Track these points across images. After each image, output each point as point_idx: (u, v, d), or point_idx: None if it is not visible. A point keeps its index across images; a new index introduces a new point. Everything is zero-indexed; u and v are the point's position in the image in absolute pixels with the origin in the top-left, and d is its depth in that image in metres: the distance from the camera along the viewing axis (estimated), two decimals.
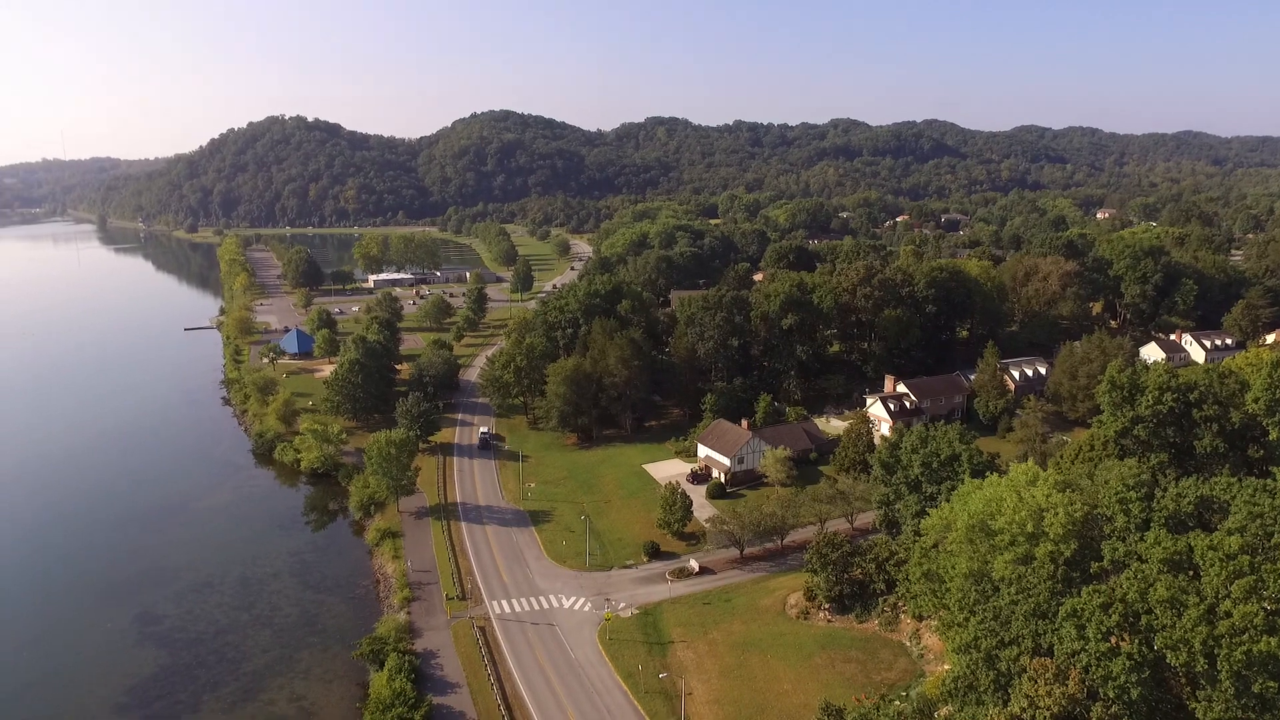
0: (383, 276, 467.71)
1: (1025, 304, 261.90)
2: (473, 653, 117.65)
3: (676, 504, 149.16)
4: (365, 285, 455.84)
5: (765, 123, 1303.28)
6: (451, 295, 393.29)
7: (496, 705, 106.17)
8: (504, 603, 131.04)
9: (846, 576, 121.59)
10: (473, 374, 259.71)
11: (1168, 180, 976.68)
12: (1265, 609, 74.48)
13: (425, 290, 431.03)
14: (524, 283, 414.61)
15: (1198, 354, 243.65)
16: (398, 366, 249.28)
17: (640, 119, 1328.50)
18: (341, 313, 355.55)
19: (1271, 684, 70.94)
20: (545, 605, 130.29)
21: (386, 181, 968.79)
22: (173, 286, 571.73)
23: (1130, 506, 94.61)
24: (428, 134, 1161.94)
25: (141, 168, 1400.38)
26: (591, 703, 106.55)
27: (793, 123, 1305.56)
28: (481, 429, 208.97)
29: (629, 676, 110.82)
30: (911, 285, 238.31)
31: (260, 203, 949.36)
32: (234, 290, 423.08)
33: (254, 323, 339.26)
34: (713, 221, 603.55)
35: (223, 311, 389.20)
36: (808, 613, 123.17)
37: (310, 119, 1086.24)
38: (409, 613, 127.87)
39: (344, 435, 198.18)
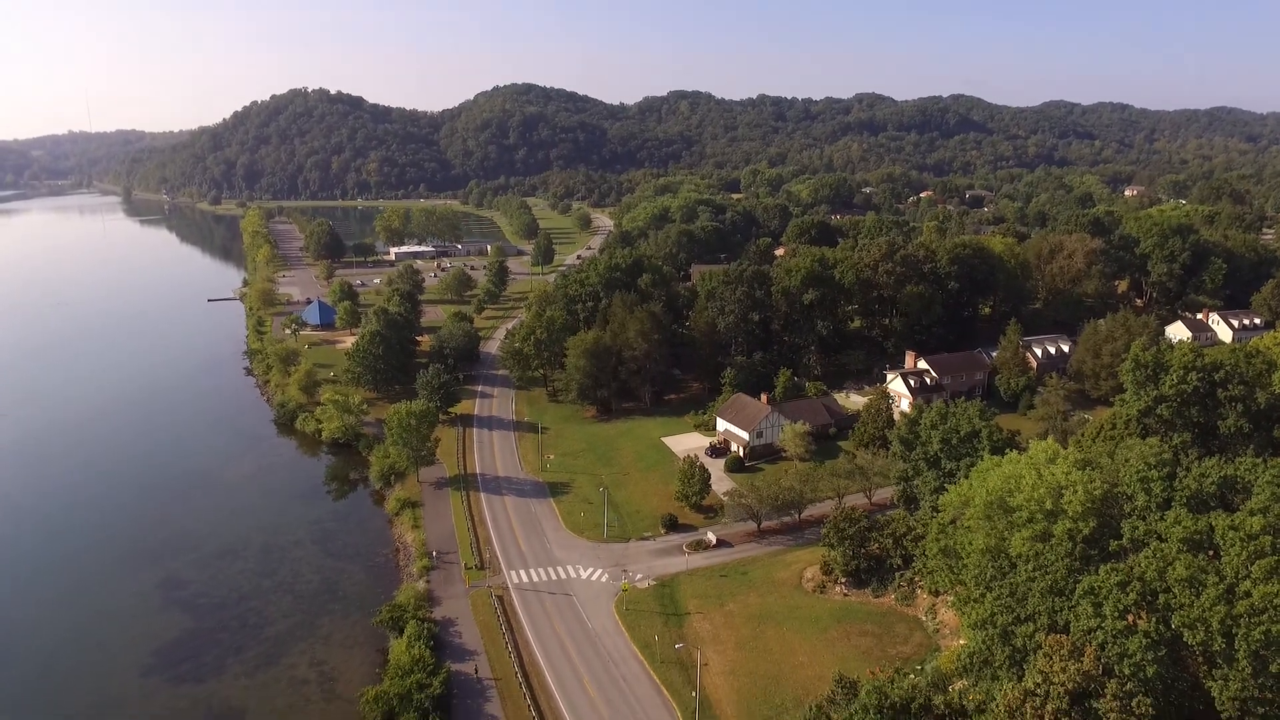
0: (404, 249, 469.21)
1: (1049, 281, 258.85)
2: (491, 621, 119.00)
3: (695, 477, 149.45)
4: (387, 258, 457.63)
5: (789, 97, 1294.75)
6: (472, 268, 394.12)
7: (514, 672, 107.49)
8: (522, 573, 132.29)
9: (863, 551, 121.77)
10: (493, 346, 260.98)
11: (1199, 157, 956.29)
12: None
13: (446, 263, 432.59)
14: (545, 256, 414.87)
15: (1225, 333, 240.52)
16: (418, 338, 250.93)
17: (663, 92, 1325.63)
18: (363, 285, 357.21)
19: None
20: (563, 576, 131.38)
21: (408, 154, 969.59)
22: (196, 258, 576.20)
23: (1151, 485, 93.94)
24: (450, 107, 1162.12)
25: (166, 140, 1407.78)
26: (608, 672, 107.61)
27: (817, 97, 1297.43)
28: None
29: (645, 647, 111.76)
30: (934, 262, 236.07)
31: (283, 175, 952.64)
32: (257, 262, 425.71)
33: (276, 294, 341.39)
34: (735, 196, 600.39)
35: (246, 283, 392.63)
36: (824, 586, 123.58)
37: (333, 91, 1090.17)
38: (428, 581, 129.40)
39: (365, 406, 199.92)
